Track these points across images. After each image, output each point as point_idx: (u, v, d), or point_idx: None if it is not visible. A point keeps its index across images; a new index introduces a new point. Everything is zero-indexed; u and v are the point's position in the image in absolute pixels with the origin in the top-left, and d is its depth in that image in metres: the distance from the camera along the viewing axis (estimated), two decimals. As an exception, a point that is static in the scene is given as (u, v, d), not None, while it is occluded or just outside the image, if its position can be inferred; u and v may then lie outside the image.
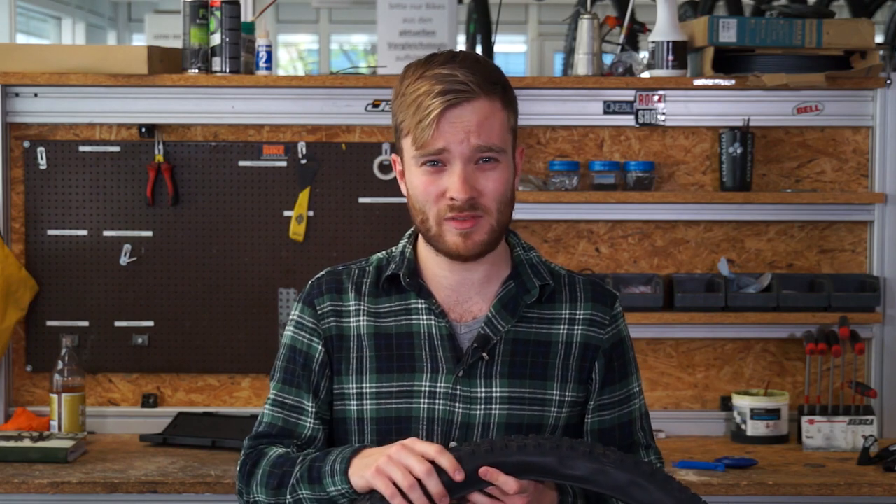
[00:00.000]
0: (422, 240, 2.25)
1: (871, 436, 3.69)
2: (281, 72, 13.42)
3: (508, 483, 2.03)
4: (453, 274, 2.23)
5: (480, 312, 2.24)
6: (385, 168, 3.99)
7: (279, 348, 2.32)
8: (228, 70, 3.92)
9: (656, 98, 3.97)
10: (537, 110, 3.96)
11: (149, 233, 4.00)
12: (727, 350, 4.03)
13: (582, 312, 2.27)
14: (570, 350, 2.25)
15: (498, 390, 2.21)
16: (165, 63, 3.96)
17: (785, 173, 4.02)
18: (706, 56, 3.98)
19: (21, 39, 11.64)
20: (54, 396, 3.80)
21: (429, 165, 2.17)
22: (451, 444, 2.18)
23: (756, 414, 3.84)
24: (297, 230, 3.99)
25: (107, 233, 3.99)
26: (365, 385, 2.23)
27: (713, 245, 4.02)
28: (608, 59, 4.08)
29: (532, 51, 15.11)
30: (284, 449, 2.24)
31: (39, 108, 3.96)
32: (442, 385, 2.21)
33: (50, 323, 3.99)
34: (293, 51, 16.45)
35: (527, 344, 2.23)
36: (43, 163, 3.98)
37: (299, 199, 3.99)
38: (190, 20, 3.93)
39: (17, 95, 3.95)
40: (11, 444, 3.60)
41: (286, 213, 4.00)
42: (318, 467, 2.14)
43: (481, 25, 7.97)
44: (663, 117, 3.98)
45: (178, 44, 4.00)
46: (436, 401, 2.20)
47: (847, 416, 3.80)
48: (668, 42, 3.95)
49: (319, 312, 2.27)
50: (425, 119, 2.14)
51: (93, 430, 3.92)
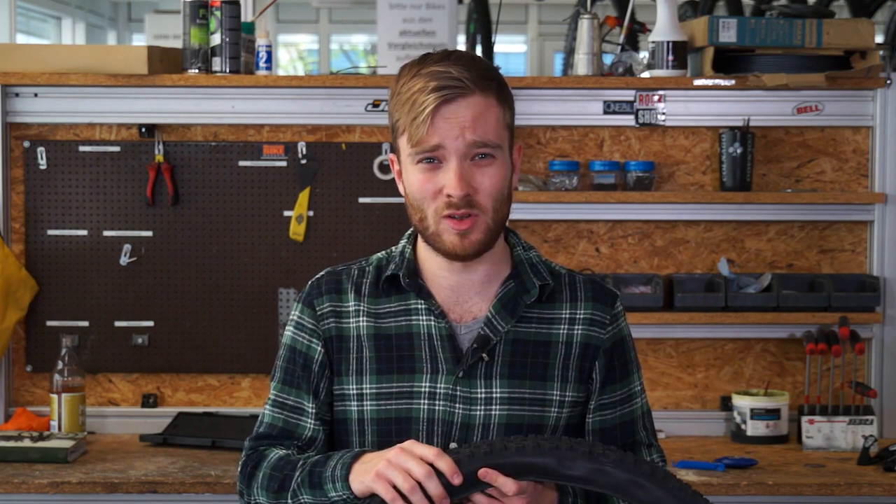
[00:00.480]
0: (421, 240, 2.25)
1: (871, 436, 3.68)
2: (281, 72, 13.41)
3: (507, 485, 2.03)
4: (453, 274, 2.23)
5: (480, 313, 2.23)
6: (385, 168, 3.99)
7: (279, 348, 2.31)
8: (228, 70, 3.92)
9: (656, 98, 3.97)
10: (537, 110, 3.96)
11: (149, 233, 4.00)
12: (727, 350, 4.03)
13: (582, 312, 2.26)
14: (571, 350, 2.24)
15: (498, 391, 2.20)
16: (165, 63, 3.96)
17: (785, 173, 4.02)
18: (706, 56, 3.98)
19: (21, 39, 11.63)
20: (54, 396, 3.80)
21: (425, 163, 2.16)
22: (451, 445, 2.18)
23: (756, 414, 3.83)
24: (297, 230, 3.99)
25: (107, 233, 3.99)
26: (365, 386, 2.23)
27: (713, 245, 4.02)
28: (608, 59, 4.08)
29: (532, 51, 15.11)
30: (285, 451, 2.24)
31: (39, 108, 3.96)
32: (442, 386, 2.20)
33: (50, 323, 3.99)
34: (293, 51, 16.45)
35: (527, 344, 2.23)
36: (43, 163, 3.98)
37: (299, 199, 3.99)
38: (190, 20, 3.93)
39: (17, 95, 3.95)
40: (11, 444, 3.60)
41: (286, 213, 4.00)
42: (319, 472, 2.14)
43: (481, 25, 7.97)
44: (663, 117, 3.98)
45: (178, 44, 4.00)
46: (436, 401, 2.20)
47: (847, 416, 3.80)
48: (668, 42, 3.95)
49: (319, 313, 2.26)
50: (420, 115, 2.13)
51: (93, 430, 3.92)
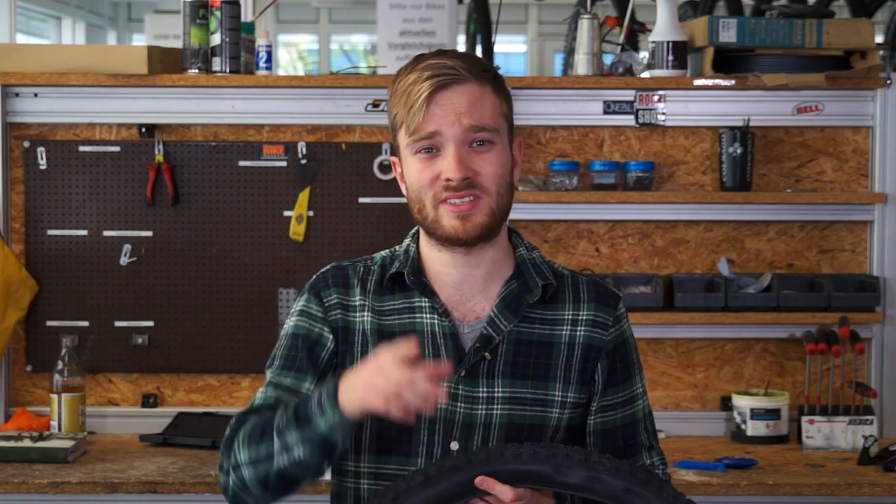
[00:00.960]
0: (424, 238, 2.25)
1: (871, 436, 3.68)
2: (281, 72, 13.41)
3: (505, 492, 2.03)
4: (456, 269, 2.23)
5: (483, 312, 2.24)
6: (385, 168, 3.99)
7: (278, 339, 2.29)
8: (228, 70, 3.92)
9: (656, 98, 3.97)
10: (537, 110, 3.96)
11: (149, 233, 4.00)
12: (727, 350, 4.03)
13: (585, 313, 2.26)
14: (573, 351, 2.24)
15: (500, 390, 2.20)
16: (165, 63, 3.96)
17: (785, 173, 4.02)
18: (706, 56, 3.98)
19: (21, 39, 11.63)
20: (54, 396, 3.80)
21: (423, 153, 2.17)
22: (453, 445, 2.18)
23: (756, 414, 3.83)
24: (297, 230, 3.99)
25: (107, 233, 3.99)
26: None
27: (713, 245, 4.02)
28: (608, 59, 4.08)
29: (532, 51, 15.11)
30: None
31: (39, 108, 3.96)
32: (444, 384, 2.20)
33: (50, 323, 3.99)
34: (293, 51, 16.45)
35: (529, 344, 2.23)
36: (43, 163, 3.98)
37: (299, 199, 3.99)
38: (190, 20, 3.93)
39: (17, 95, 3.95)
40: (11, 444, 3.60)
41: (286, 213, 3.99)
42: (304, 407, 2.10)
43: (481, 25, 7.97)
44: (663, 117, 3.98)
45: (178, 44, 4.00)
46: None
47: (847, 416, 3.80)
48: (668, 42, 3.95)
49: (327, 304, 2.25)
50: (415, 104, 2.14)
51: (93, 430, 3.92)
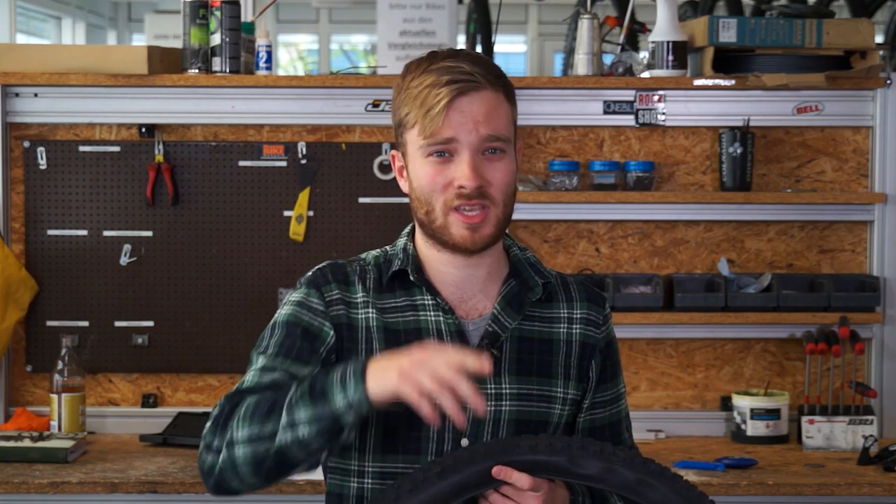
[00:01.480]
0: (420, 237, 2.24)
1: (871, 436, 3.69)
2: (281, 72, 13.41)
3: (522, 480, 2.03)
4: (458, 270, 2.23)
5: (485, 310, 2.24)
6: (385, 168, 3.99)
7: (268, 328, 2.20)
8: (228, 70, 3.92)
9: (656, 98, 3.97)
10: (537, 110, 3.96)
11: (149, 233, 4.00)
12: (727, 350, 4.03)
13: (578, 312, 2.28)
14: (571, 348, 2.26)
15: (507, 387, 2.21)
16: (165, 63, 3.96)
17: (785, 173, 4.02)
18: (706, 56, 3.98)
19: (21, 39, 11.63)
20: (54, 396, 3.80)
21: (436, 156, 2.16)
22: (463, 442, 2.18)
23: (756, 414, 3.83)
24: (297, 230, 3.99)
25: (107, 233, 3.99)
26: None
27: (713, 245, 4.02)
28: (608, 59, 4.08)
29: (532, 51, 15.11)
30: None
31: (39, 108, 3.96)
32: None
33: (50, 323, 3.99)
34: (293, 51, 16.45)
35: (531, 342, 2.24)
36: (43, 163, 3.98)
37: (299, 199, 3.99)
38: (190, 20, 3.93)
39: (17, 95, 3.95)
40: (11, 444, 3.60)
41: (286, 213, 4.00)
42: (323, 381, 2.03)
43: (481, 25, 7.97)
44: (663, 117, 3.98)
45: (178, 44, 4.00)
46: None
47: (847, 416, 3.80)
48: (668, 42, 3.95)
49: (328, 299, 2.22)
50: (434, 108, 2.13)
51: (93, 430, 3.92)
